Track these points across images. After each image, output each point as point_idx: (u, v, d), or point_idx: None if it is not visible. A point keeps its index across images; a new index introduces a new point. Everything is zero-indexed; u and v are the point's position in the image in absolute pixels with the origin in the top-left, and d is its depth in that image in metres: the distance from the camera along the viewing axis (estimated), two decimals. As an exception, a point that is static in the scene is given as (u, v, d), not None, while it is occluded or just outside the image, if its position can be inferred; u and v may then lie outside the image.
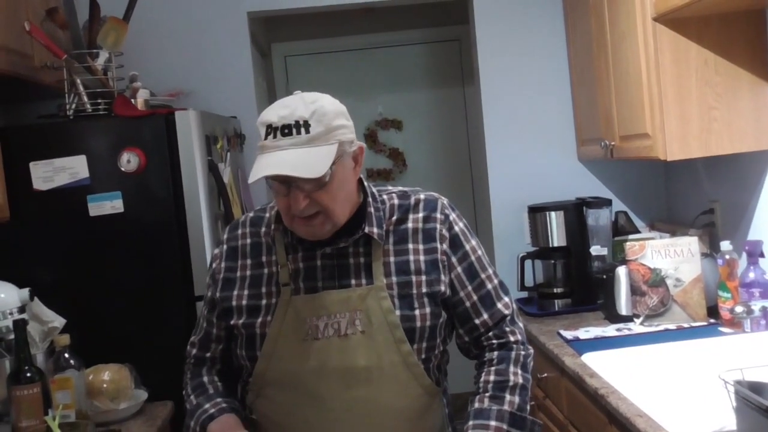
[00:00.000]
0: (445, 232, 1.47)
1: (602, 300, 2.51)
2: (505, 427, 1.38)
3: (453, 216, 1.49)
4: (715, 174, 2.53)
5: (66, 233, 2.20)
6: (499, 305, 1.49)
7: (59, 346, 1.88)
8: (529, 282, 2.81)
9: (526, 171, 3.01)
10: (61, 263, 2.21)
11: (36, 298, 2.02)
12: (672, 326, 2.25)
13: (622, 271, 2.38)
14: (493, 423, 1.38)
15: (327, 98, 1.39)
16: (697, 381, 1.76)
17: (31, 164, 2.17)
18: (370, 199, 1.45)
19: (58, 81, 2.30)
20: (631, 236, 2.59)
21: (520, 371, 1.47)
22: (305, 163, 1.32)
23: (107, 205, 2.18)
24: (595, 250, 2.64)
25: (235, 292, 1.46)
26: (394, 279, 1.42)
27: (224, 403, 1.47)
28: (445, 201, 1.51)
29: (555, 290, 2.73)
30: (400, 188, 1.53)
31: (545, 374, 2.39)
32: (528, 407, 1.45)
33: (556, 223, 2.72)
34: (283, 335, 1.42)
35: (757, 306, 1.81)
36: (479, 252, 1.50)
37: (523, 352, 1.50)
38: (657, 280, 2.28)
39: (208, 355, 1.54)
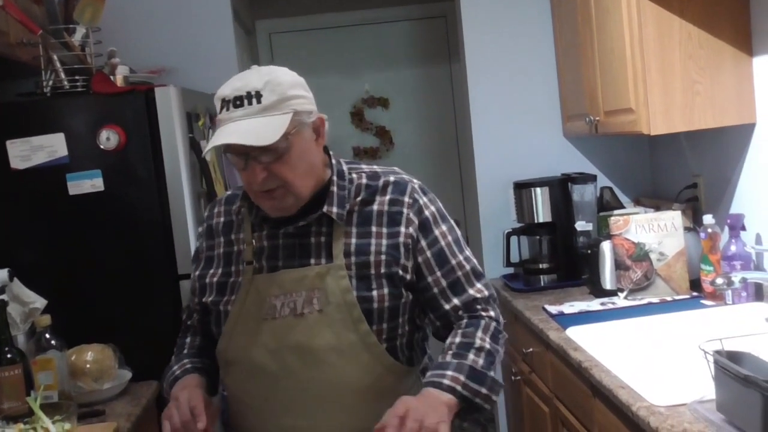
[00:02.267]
0: (412, 216, 1.44)
1: (587, 275, 2.52)
2: (462, 378, 1.34)
3: (423, 200, 1.46)
4: (698, 148, 2.53)
5: (45, 213, 2.18)
6: (471, 291, 1.46)
7: (40, 327, 1.87)
8: (515, 258, 2.82)
9: (512, 148, 3.00)
10: (41, 243, 2.19)
11: (16, 279, 2.00)
12: (655, 300, 2.26)
13: (606, 246, 2.38)
14: (449, 373, 1.34)
15: (284, 70, 1.38)
16: (679, 353, 1.78)
17: (8, 143, 2.14)
18: (335, 177, 1.44)
19: (35, 58, 2.26)
20: (615, 211, 2.60)
21: (488, 338, 1.41)
22: (256, 131, 1.30)
23: (87, 183, 2.16)
24: (580, 225, 2.65)
25: (212, 270, 1.49)
26: (353, 259, 1.40)
27: (189, 364, 1.50)
28: (416, 185, 1.48)
29: (540, 266, 2.73)
30: (374, 168, 1.50)
31: (531, 349, 2.41)
32: (492, 372, 1.39)
33: (541, 200, 2.73)
34: (244, 314, 1.42)
35: (738, 278, 1.82)
36: (450, 237, 1.46)
37: (494, 324, 1.46)
38: (641, 255, 2.29)
39: (189, 323, 1.59)
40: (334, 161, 1.47)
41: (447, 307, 1.45)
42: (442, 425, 1.26)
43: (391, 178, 1.47)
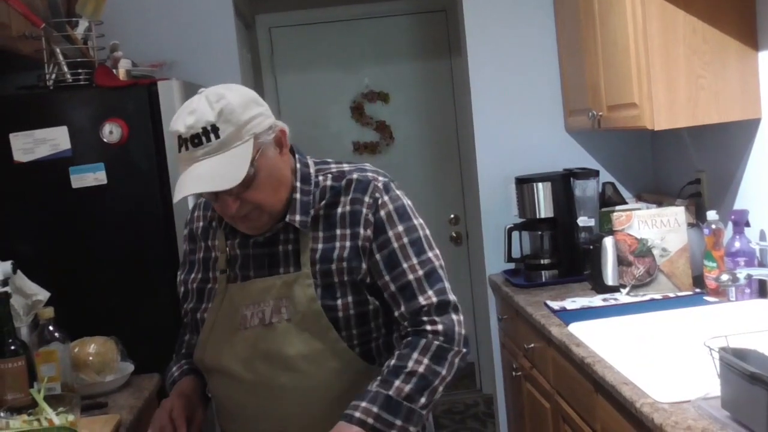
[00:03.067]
0: (370, 216, 1.39)
1: (589, 270, 2.51)
2: (374, 409, 1.28)
3: (383, 199, 1.40)
4: (701, 144, 2.53)
5: (48, 205, 2.18)
6: (420, 298, 1.37)
7: (43, 319, 1.87)
8: (516, 253, 2.82)
9: (514, 142, 3.00)
10: (44, 236, 2.19)
11: (19, 271, 2.00)
12: (658, 296, 2.26)
13: (608, 242, 2.38)
14: (363, 404, 1.29)
15: (233, 91, 1.33)
16: (683, 349, 1.78)
17: (11, 135, 2.14)
18: (298, 183, 1.41)
19: (37, 51, 2.25)
20: (618, 207, 2.59)
21: (426, 360, 1.33)
22: (222, 172, 1.28)
23: (90, 176, 2.16)
24: (582, 221, 2.65)
25: (193, 275, 1.49)
26: (318, 267, 1.38)
27: (186, 365, 1.53)
28: (381, 183, 1.42)
29: (542, 261, 2.73)
30: (342, 166, 1.46)
31: (532, 345, 2.41)
32: (422, 398, 1.32)
33: (543, 195, 2.72)
34: (218, 324, 1.42)
35: (742, 274, 1.82)
36: (406, 239, 1.39)
37: (437, 342, 1.35)
38: (643, 251, 2.29)
39: (185, 320, 1.58)
40: (299, 165, 1.43)
41: (396, 313, 1.40)
42: None
43: (355, 176, 1.42)
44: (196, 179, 1.29)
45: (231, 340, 1.40)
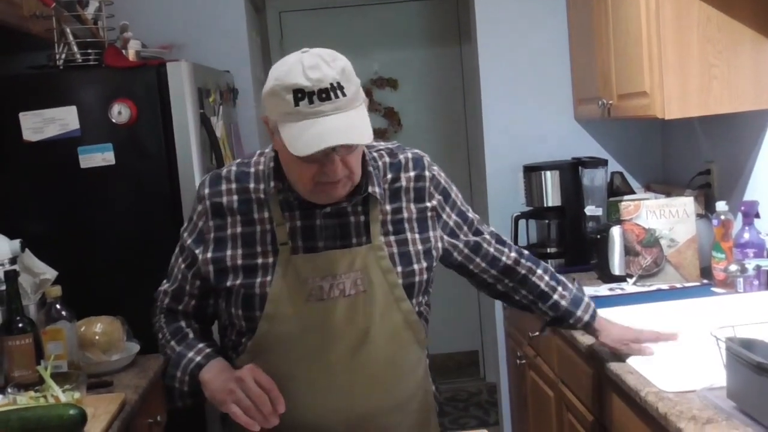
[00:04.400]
0: (433, 190, 1.50)
1: (596, 260, 2.51)
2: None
3: (436, 171, 1.52)
4: (712, 134, 2.51)
5: (57, 185, 2.19)
6: (485, 227, 1.59)
7: (51, 297, 1.89)
8: (522, 242, 2.82)
9: (523, 130, 2.99)
10: (52, 215, 2.20)
11: (27, 250, 2.01)
12: (665, 286, 2.26)
13: (616, 231, 2.37)
14: (590, 301, 1.69)
15: (339, 55, 1.33)
16: (688, 339, 1.77)
17: (21, 115, 2.14)
18: (367, 159, 1.44)
19: (47, 30, 2.25)
20: (626, 197, 2.58)
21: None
22: (356, 127, 1.27)
23: (98, 157, 2.16)
24: (590, 210, 2.64)
25: (229, 252, 1.40)
26: (392, 238, 1.43)
27: (207, 348, 1.45)
28: (428, 157, 1.54)
29: (549, 250, 2.73)
30: (384, 145, 1.50)
31: (536, 332, 2.40)
32: None
33: (551, 183, 2.72)
34: (284, 296, 1.38)
35: (751, 265, 1.81)
36: (460, 197, 1.58)
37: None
38: (651, 241, 2.28)
39: (180, 308, 1.50)
40: None
41: (486, 247, 1.57)
42: None
43: (409, 154, 1.50)
44: (338, 130, 1.24)
45: (304, 312, 1.37)
